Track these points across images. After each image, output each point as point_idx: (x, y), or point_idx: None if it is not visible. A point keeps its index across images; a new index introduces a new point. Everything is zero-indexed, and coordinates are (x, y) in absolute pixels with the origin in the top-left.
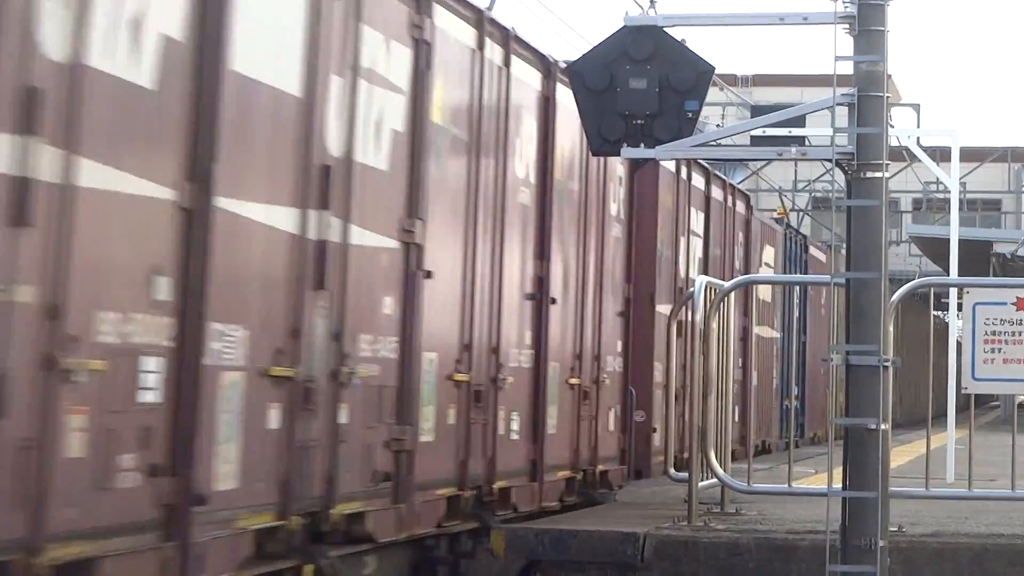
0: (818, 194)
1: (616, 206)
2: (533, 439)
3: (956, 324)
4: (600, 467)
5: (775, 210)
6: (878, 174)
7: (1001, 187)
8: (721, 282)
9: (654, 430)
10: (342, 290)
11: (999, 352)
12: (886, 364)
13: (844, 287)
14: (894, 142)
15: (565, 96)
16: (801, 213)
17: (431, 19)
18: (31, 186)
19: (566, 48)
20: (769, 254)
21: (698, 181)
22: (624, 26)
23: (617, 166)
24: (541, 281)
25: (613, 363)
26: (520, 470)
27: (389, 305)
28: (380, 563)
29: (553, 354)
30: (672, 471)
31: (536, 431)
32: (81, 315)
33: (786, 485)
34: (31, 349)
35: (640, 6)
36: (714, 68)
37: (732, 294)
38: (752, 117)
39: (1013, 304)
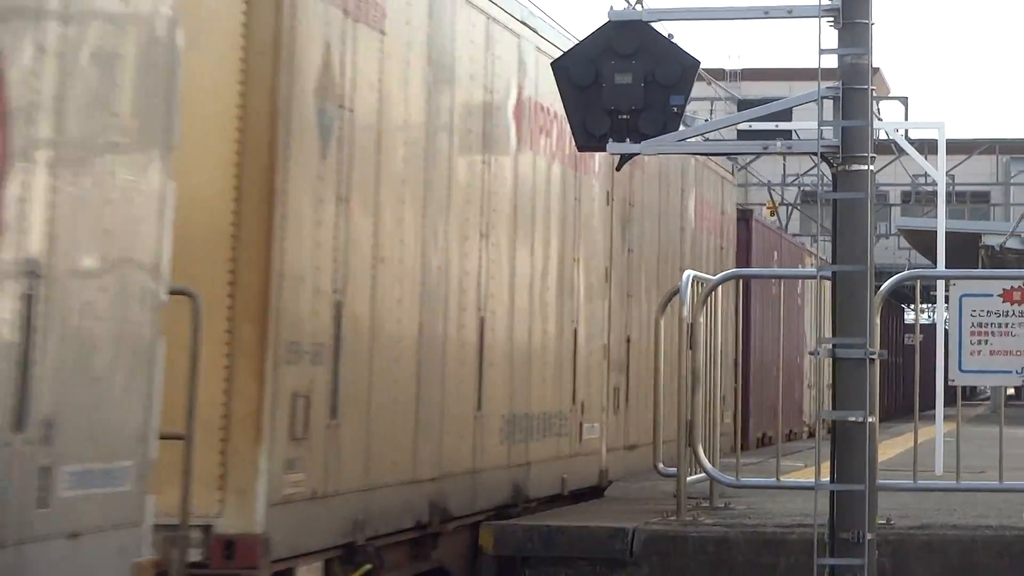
0: (807, 188)
1: None
2: None
3: (943, 316)
4: None
5: (764, 204)
6: (863, 167)
7: (989, 179)
8: (709, 276)
9: None
10: None
11: (986, 344)
12: (872, 356)
13: (830, 280)
14: (881, 135)
15: None
16: (790, 207)
17: None
18: None
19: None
20: None
21: None
22: (609, 21)
23: None
24: None
25: None
26: None
27: None
28: None
29: None
30: (661, 465)
31: None
32: None
33: (774, 479)
34: None
35: (627, 0)
36: (699, 62)
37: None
38: (738, 111)
39: (999, 296)
